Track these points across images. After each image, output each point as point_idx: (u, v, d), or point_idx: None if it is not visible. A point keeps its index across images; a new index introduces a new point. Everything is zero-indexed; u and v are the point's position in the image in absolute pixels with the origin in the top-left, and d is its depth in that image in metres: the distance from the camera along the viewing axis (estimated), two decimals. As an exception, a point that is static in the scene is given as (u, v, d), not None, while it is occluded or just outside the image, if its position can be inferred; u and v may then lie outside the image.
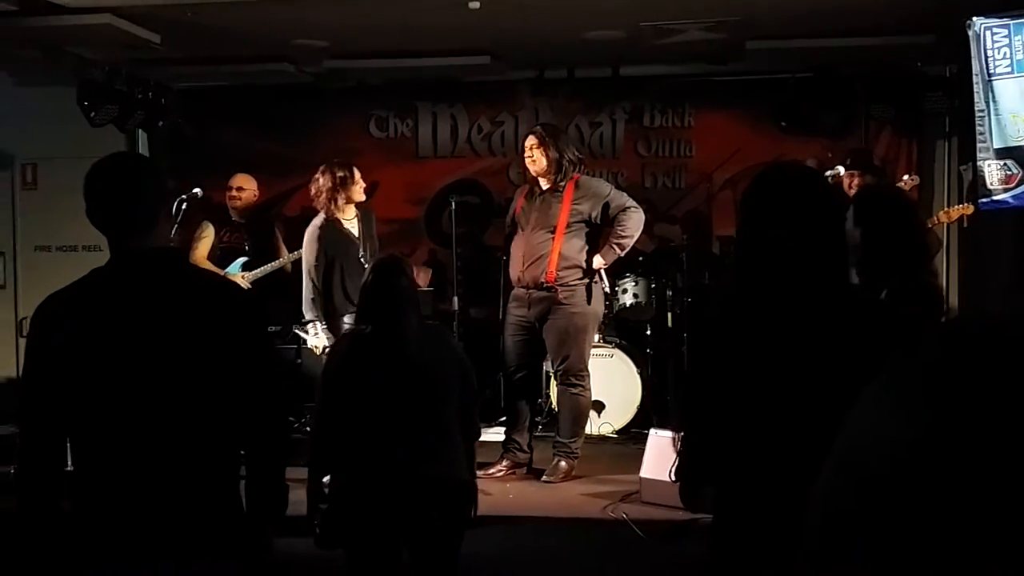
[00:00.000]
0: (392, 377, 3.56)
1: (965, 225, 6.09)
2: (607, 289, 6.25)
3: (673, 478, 2.22)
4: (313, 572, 4.21)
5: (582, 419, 6.31)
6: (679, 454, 2.23)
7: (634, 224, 6.09)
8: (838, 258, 2.31)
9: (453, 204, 7.28)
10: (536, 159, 6.15)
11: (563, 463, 6.21)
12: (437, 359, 3.66)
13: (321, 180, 6.26)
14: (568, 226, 6.09)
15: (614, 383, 7.19)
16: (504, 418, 7.84)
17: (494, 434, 7.69)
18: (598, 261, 6.07)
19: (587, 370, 6.26)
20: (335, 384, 3.64)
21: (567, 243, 6.09)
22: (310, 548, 3.61)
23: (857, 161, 6.59)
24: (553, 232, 6.11)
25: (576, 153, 6.25)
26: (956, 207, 6.04)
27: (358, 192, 6.35)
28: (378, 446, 3.56)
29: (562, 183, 6.13)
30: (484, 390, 8.06)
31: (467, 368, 3.81)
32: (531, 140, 6.22)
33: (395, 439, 3.55)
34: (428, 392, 3.60)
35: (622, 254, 6.16)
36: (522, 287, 6.25)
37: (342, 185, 6.23)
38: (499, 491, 5.99)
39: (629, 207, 6.09)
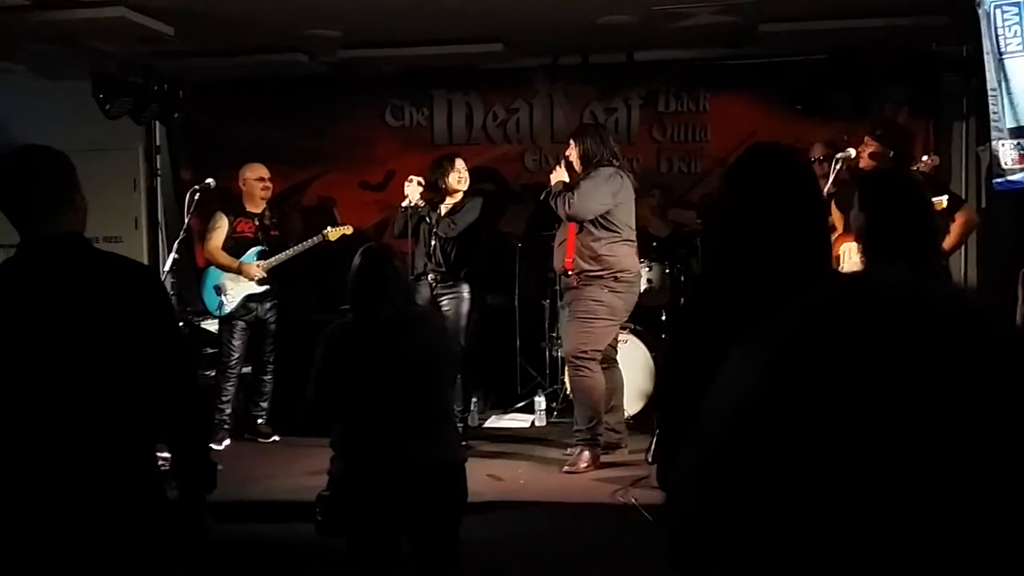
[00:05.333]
0: (389, 362, 3.58)
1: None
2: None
3: (650, 460, 2.24)
4: (314, 558, 4.24)
5: (588, 402, 6.16)
6: (656, 437, 2.24)
7: (560, 205, 6.19)
8: (819, 240, 2.31)
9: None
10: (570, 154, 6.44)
11: (586, 452, 6.08)
12: (432, 343, 3.70)
13: None
14: None
15: (629, 369, 7.18)
16: (521, 404, 7.90)
17: (510, 420, 7.72)
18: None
19: (587, 354, 6.16)
20: (331, 370, 3.65)
21: (581, 234, 6.18)
22: (311, 534, 3.65)
23: (887, 136, 6.21)
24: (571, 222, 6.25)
25: (598, 146, 6.27)
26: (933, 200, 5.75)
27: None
28: (378, 431, 3.58)
29: (585, 176, 6.23)
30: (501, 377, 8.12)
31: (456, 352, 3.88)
32: None
33: (395, 423, 3.57)
34: (426, 375, 3.63)
35: (552, 188, 6.29)
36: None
37: None
38: (510, 477, 6.01)
39: (581, 188, 6.16)
